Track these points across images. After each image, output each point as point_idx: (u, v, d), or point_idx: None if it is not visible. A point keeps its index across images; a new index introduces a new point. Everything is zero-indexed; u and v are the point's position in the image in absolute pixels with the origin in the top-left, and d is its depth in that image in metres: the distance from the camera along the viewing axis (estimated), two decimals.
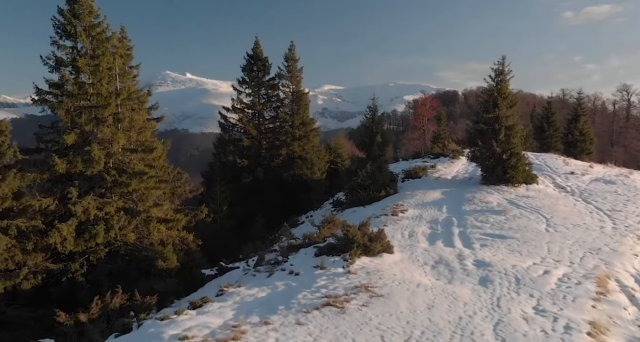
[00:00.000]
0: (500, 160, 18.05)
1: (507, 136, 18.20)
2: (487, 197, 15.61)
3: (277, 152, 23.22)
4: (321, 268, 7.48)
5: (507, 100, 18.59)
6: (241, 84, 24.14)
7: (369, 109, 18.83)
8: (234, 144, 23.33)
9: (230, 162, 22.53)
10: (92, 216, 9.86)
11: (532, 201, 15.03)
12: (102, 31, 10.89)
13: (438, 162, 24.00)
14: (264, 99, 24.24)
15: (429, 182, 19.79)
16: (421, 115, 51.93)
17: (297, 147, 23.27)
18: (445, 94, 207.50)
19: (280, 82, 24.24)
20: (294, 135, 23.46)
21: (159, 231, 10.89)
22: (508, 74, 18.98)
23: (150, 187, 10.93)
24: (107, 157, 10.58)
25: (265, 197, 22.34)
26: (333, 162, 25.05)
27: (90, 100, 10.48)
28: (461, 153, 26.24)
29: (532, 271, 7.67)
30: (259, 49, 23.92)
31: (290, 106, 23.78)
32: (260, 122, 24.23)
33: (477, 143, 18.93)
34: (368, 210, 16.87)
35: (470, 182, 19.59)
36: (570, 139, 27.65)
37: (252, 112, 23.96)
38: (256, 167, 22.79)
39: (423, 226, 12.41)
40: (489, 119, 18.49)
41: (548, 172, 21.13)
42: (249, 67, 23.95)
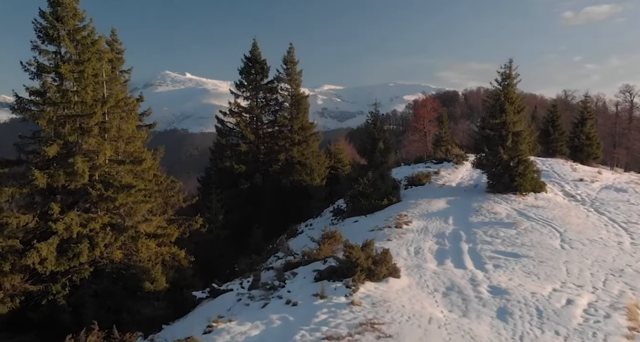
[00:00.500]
0: (508, 168, 17.37)
1: (515, 143, 17.47)
2: (495, 208, 14.92)
3: (276, 157, 22.52)
4: (321, 297, 6.78)
5: (514, 105, 17.86)
6: (239, 88, 23.44)
7: (371, 114, 18.15)
8: (231, 149, 22.62)
9: (227, 168, 21.83)
10: (75, 234, 9.17)
11: (542, 211, 14.33)
12: (87, 35, 10.19)
13: (441, 168, 23.30)
14: (262, 102, 23.54)
15: (433, 189, 19.10)
16: (422, 116, 51.18)
17: (297, 153, 22.57)
18: (446, 94, 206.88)
19: (279, 86, 23.53)
20: (293, 140, 22.77)
21: (148, 248, 10.19)
22: (515, 78, 18.26)
23: (139, 201, 10.23)
24: (93, 169, 9.88)
25: (264, 204, 21.65)
26: (333, 168, 24.35)
27: (75, 109, 9.79)
28: (465, 158, 25.54)
29: (554, 299, 6.96)
30: (257, 51, 23.22)
31: (289, 110, 23.09)
32: (258, 127, 23.52)
33: (483, 150, 18.23)
34: (370, 220, 16.17)
35: (475, 190, 18.89)
36: (577, 143, 26.95)
37: (250, 116, 23.27)
38: (254, 173, 22.09)
39: (429, 240, 11.70)
40: (495, 124, 17.76)
41: (556, 179, 20.45)
42: (246, 70, 23.25)
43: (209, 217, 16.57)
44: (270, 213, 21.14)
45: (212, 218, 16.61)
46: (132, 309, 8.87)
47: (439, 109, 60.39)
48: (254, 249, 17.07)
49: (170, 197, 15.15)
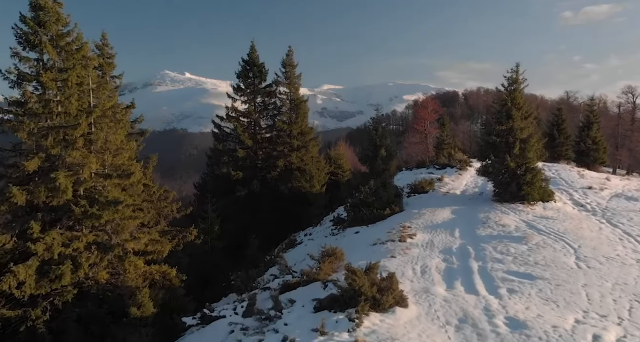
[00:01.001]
0: (515, 176, 16.74)
1: (523, 150, 16.83)
2: (503, 219, 14.28)
3: (274, 163, 21.87)
4: (322, 334, 6.13)
5: (522, 111, 17.23)
6: (236, 92, 22.80)
7: (373, 121, 17.50)
8: (228, 155, 21.97)
9: (224, 175, 21.17)
10: (57, 254, 8.52)
11: (553, 223, 13.70)
12: (72, 41, 9.54)
13: (445, 174, 22.64)
14: (260, 107, 22.90)
15: (437, 198, 18.45)
16: (423, 118, 50.51)
17: (296, 159, 21.93)
18: (446, 94, 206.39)
19: (277, 90, 22.90)
20: (292, 145, 22.12)
21: (137, 268, 9.54)
22: (523, 83, 17.62)
23: (127, 217, 9.58)
24: (77, 184, 9.23)
25: (262, 211, 21.01)
26: (333, 174, 23.71)
27: (58, 120, 9.14)
28: (469, 164, 24.89)
29: (579, 335, 6.30)
30: (255, 54, 22.57)
31: (288, 115, 22.44)
32: (256, 132, 22.87)
33: (489, 157, 17.59)
34: (372, 231, 15.53)
35: (481, 198, 18.25)
36: (583, 147, 26.30)
37: (248, 121, 22.62)
38: (252, 180, 21.44)
39: (436, 257, 11.02)
40: (502, 131, 17.12)
41: (564, 187, 19.81)
42: (244, 73, 22.61)
43: (204, 228, 15.93)
44: (269, 222, 20.50)
45: (207, 229, 15.96)
46: (117, 336, 8.23)
47: (439, 111, 59.70)
48: (250, 261, 16.42)
49: (164, 208, 14.51)
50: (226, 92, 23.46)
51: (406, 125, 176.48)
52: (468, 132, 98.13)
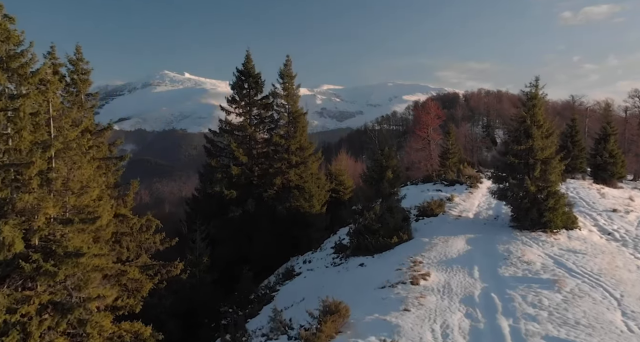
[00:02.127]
0: (536, 201, 15.22)
1: (543, 172, 15.29)
2: (526, 253, 12.74)
3: (271, 181, 20.31)
4: None
5: (542, 129, 15.69)
6: (230, 103, 21.25)
7: (378, 141, 15.97)
8: (222, 171, 20.41)
9: (216, 193, 19.63)
10: (1, 322, 7.00)
11: (583, 259, 12.18)
12: (25, 63, 8.01)
13: (454, 192, 21.10)
14: (256, 120, 21.36)
15: (448, 222, 16.90)
16: (425, 124, 49.15)
17: (294, 176, 20.37)
18: (446, 96, 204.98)
19: (274, 101, 21.37)
20: (290, 161, 20.57)
21: (102, 329, 8.00)
22: (543, 98, 16.08)
23: (92, 269, 8.05)
24: (30, 233, 7.72)
25: (257, 233, 19.47)
26: (334, 191, 22.17)
27: (7, 156, 7.62)
28: (479, 180, 23.34)
29: None
30: (250, 63, 21.03)
31: (285, 128, 20.89)
32: (251, 146, 21.32)
33: (506, 179, 16.04)
34: (378, 264, 13.99)
35: (497, 223, 16.71)
36: (599, 161, 24.73)
37: (243, 135, 21.06)
38: (246, 199, 19.90)
39: (457, 311, 9.45)
40: (520, 151, 15.58)
41: (585, 209, 18.28)
42: (239, 84, 21.07)
43: (192, 260, 14.37)
44: (265, 245, 18.96)
45: (195, 260, 14.40)
46: None
47: (442, 116, 58.25)
48: (243, 295, 14.88)
49: (146, 240, 12.98)
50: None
51: (406, 125, 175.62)
52: (470, 136, 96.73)
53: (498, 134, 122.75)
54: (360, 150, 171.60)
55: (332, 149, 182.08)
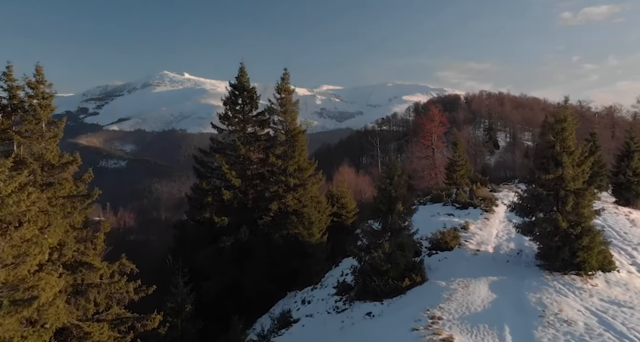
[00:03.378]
0: (568, 239, 13.34)
1: (576, 205, 13.42)
2: (563, 307, 10.90)
3: (267, 206, 18.42)
4: None
5: (573, 156, 13.81)
6: (223, 120, 19.37)
7: (387, 168, 14.07)
8: (213, 194, 18.51)
9: (206, 221, 17.74)
10: None
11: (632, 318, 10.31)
12: None
13: (469, 218, 19.22)
14: (250, 138, 19.47)
15: (466, 259, 14.99)
16: (429, 132, 47.41)
17: (292, 200, 18.48)
18: (447, 98, 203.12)
19: (271, 118, 19.49)
20: (288, 184, 18.67)
21: None
22: (573, 121, 14.18)
23: None
24: None
25: (250, 264, 17.57)
26: (336, 215, 20.28)
27: None
28: (494, 202, 21.42)
29: None
30: (245, 77, 19.15)
31: (282, 148, 18.99)
32: (245, 166, 19.42)
33: (532, 211, 14.17)
34: (389, 316, 12.11)
35: (521, 260, 14.82)
36: (622, 180, 22.86)
37: (236, 155, 19.16)
38: (239, 226, 18.00)
39: None
40: (548, 181, 13.71)
41: (618, 242, 16.39)
42: (232, 100, 19.19)
43: (173, 308, 12.46)
44: (259, 277, 17.09)
45: (177, 308, 12.50)
46: None
47: (447, 123, 56.34)
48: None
49: (116, 290, 11.09)
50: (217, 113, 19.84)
51: (407, 126, 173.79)
52: (473, 140, 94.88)
53: (500, 137, 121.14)
54: (360, 152, 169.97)
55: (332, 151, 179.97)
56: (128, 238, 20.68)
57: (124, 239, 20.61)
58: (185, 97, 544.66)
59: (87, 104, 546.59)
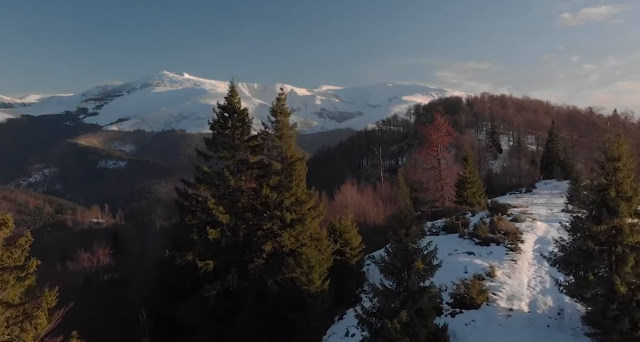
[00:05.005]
0: (628, 307, 10.81)
1: (637, 264, 10.92)
2: None
3: (259, 247, 15.88)
4: None
5: (632, 202, 11.31)
6: (210, 146, 16.84)
7: (400, 221, 11.52)
8: (198, 232, 15.98)
9: (189, 264, 15.21)
10: None
11: None
12: None
13: (492, 259, 16.67)
14: (241, 166, 16.95)
15: (498, 324, 12.44)
16: (435, 142, 44.92)
17: (288, 239, 15.94)
18: (448, 100, 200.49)
19: (265, 144, 16.98)
20: (284, 220, 16.15)
21: None
22: (629, 159, 11.66)
23: None
24: None
25: (240, 318, 15.05)
26: (339, 252, 17.74)
27: None
28: (519, 237, 18.86)
29: None
30: (235, 97, 16.64)
31: (278, 178, 16.47)
32: (235, 198, 16.89)
33: (584, 271, 11.64)
34: None
35: (564, 326, 12.26)
36: None
37: (225, 186, 16.64)
38: (227, 270, 15.47)
39: None
40: (601, 233, 11.20)
41: None
42: (220, 123, 16.68)
43: None
44: (248, 337, 14.54)
45: None
46: None
47: (453, 133, 53.80)
48: None
49: None
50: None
51: (407, 127, 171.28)
52: (477, 146, 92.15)
53: (503, 141, 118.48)
54: (360, 154, 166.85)
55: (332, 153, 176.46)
56: (102, 278, 18.28)
57: (97, 279, 18.18)
58: (185, 97, 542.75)
59: (86, 104, 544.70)
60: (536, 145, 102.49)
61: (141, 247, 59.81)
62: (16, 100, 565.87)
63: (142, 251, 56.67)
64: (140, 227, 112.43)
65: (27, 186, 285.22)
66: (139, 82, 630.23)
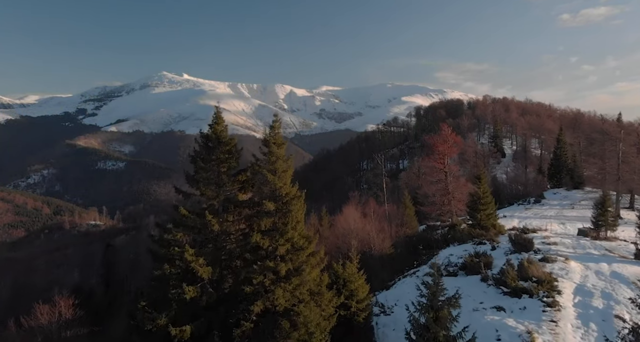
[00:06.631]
0: None
1: None
2: None
3: (247, 306, 13.16)
4: None
5: None
6: (190, 183, 14.11)
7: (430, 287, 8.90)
8: (174, 286, 13.28)
9: (161, 329, 12.51)
10: None
11: None
12: None
13: (528, 320, 13.89)
14: (227, 207, 14.24)
15: None
16: (442, 154, 42.24)
17: (282, 296, 13.22)
18: (449, 102, 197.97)
19: (255, 179, 14.28)
20: (278, 272, 13.44)
21: None
22: None
23: None
24: None
25: None
26: (343, 306, 15.00)
27: None
28: (554, 287, 16.10)
29: None
30: (221, 125, 13.91)
31: (271, 220, 13.77)
32: (219, 245, 14.20)
33: None
34: None
35: None
36: None
37: (207, 231, 13.92)
38: (208, 335, 12.78)
39: None
40: None
41: None
42: (203, 155, 13.96)
43: None
44: None
45: None
46: None
47: (460, 144, 51.19)
48: None
49: None
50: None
51: (408, 129, 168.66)
52: (481, 152, 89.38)
53: (506, 144, 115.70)
54: (360, 156, 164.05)
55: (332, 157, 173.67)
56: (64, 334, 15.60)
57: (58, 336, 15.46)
58: (184, 98, 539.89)
59: (85, 105, 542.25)
60: (540, 150, 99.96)
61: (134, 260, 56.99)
62: (15, 101, 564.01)
63: (134, 263, 53.85)
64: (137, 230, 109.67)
65: (26, 187, 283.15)
66: (138, 82, 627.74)
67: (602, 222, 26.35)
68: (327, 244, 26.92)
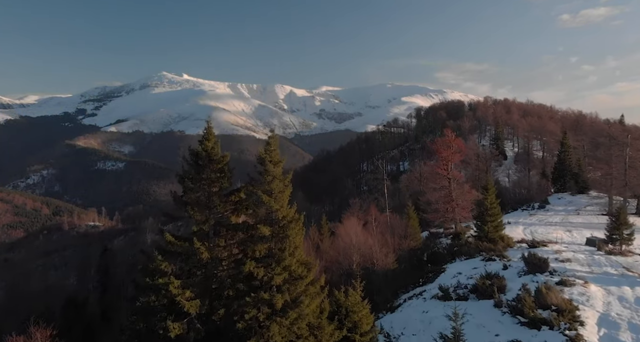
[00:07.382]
0: None
1: None
2: None
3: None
4: None
5: None
6: (178, 204, 12.82)
7: None
8: (160, 321, 11.99)
9: None
10: None
11: None
12: None
13: None
14: (219, 230, 12.95)
15: None
16: (446, 160, 40.94)
17: (278, 335, 11.91)
18: (450, 104, 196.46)
19: (249, 200, 12.98)
20: (274, 305, 12.14)
21: None
22: None
23: None
24: None
25: None
26: (346, 340, 13.70)
27: None
28: (576, 316, 14.75)
29: None
30: (212, 141, 12.61)
31: (266, 246, 12.48)
32: (208, 273, 12.91)
33: None
34: None
35: None
36: None
37: (196, 259, 12.64)
38: None
39: None
40: None
41: None
42: (192, 174, 12.67)
43: None
44: None
45: None
46: None
47: (464, 150, 49.79)
48: None
49: None
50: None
51: (409, 130, 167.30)
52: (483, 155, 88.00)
53: (507, 146, 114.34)
54: (360, 158, 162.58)
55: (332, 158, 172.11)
56: None
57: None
58: (184, 98, 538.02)
59: (85, 105, 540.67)
60: (542, 152, 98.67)
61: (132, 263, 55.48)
62: (15, 101, 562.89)
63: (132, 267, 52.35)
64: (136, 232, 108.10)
65: (25, 188, 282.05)
66: (138, 83, 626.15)
67: (617, 236, 25.02)
68: (327, 258, 25.61)
